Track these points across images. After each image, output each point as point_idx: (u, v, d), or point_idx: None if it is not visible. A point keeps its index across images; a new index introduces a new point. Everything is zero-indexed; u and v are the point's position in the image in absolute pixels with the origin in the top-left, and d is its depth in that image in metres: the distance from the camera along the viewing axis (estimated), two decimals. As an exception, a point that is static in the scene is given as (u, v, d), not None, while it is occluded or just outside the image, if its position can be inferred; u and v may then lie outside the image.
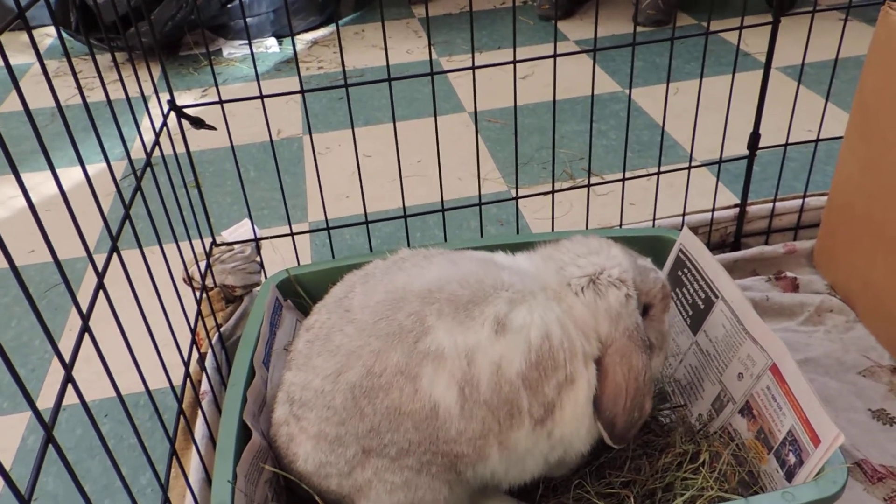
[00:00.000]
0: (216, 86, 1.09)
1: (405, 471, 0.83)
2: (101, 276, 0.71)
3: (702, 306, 1.07)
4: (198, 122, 1.11)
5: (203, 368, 1.08)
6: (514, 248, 1.16)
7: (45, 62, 3.03)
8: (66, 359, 0.61)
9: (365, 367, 0.82)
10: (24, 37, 2.98)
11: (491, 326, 0.82)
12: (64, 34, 2.93)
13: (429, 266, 0.90)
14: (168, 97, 1.11)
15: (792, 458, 0.85)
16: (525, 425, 0.83)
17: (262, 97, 1.13)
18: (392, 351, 0.81)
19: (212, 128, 1.13)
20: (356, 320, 0.85)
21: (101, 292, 0.70)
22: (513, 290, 0.85)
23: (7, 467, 1.23)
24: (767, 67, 1.30)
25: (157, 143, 0.98)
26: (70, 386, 0.61)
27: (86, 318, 0.67)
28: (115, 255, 0.74)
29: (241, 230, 1.26)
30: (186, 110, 1.12)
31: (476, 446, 0.82)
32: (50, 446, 0.57)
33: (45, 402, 1.37)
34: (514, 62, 1.16)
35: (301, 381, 0.86)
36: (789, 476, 0.85)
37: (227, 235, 1.25)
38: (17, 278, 0.55)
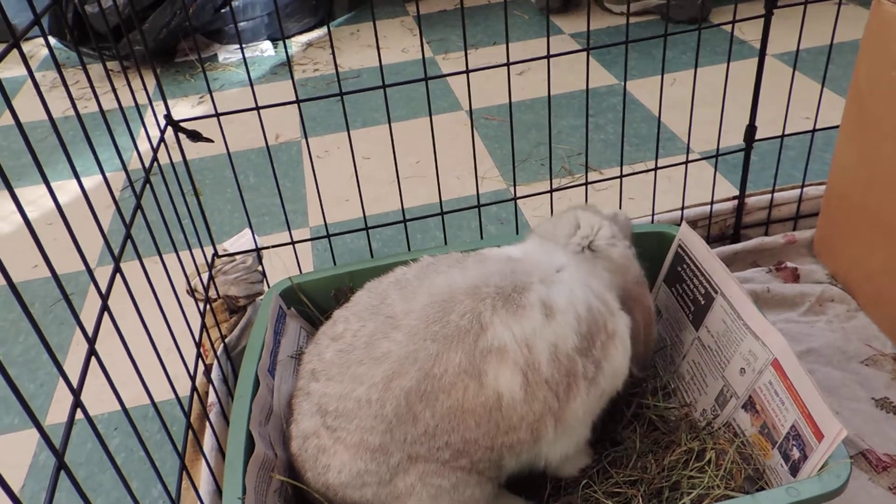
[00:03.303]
0: (212, 99, 1.09)
1: (457, 472, 0.84)
2: (104, 297, 0.72)
3: (702, 301, 1.08)
4: (195, 136, 1.11)
5: (209, 380, 1.09)
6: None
7: (45, 73, 3.04)
8: (73, 377, 0.62)
9: (422, 370, 0.82)
10: (22, 48, 2.99)
11: (540, 311, 0.86)
12: (59, 45, 2.94)
13: (465, 266, 0.93)
14: (164, 111, 1.11)
15: (796, 453, 0.85)
16: (581, 391, 0.87)
17: (257, 108, 1.13)
18: (452, 352, 0.82)
19: (209, 140, 1.14)
20: (403, 325, 0.86)
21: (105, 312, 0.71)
22: (539, 272, 0.90)
23: (20, 484, 1.25)
24: (761, 60, 1.30)
25: (154, 159, 0.99)
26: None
27: (91, 341, 0.68)
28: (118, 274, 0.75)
29: (243, 240, 1.26)
30: (183, 124, 1.13)
31: (533, 429, 0.85)
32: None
33: (56, 416, 1.39)
34: (508, 64, 1.16)
35: (337, 391, 0.86)
36: (793, 471, 0.85)
37: (228, 246, 1.26)
38: (17, 299, 0.56)
